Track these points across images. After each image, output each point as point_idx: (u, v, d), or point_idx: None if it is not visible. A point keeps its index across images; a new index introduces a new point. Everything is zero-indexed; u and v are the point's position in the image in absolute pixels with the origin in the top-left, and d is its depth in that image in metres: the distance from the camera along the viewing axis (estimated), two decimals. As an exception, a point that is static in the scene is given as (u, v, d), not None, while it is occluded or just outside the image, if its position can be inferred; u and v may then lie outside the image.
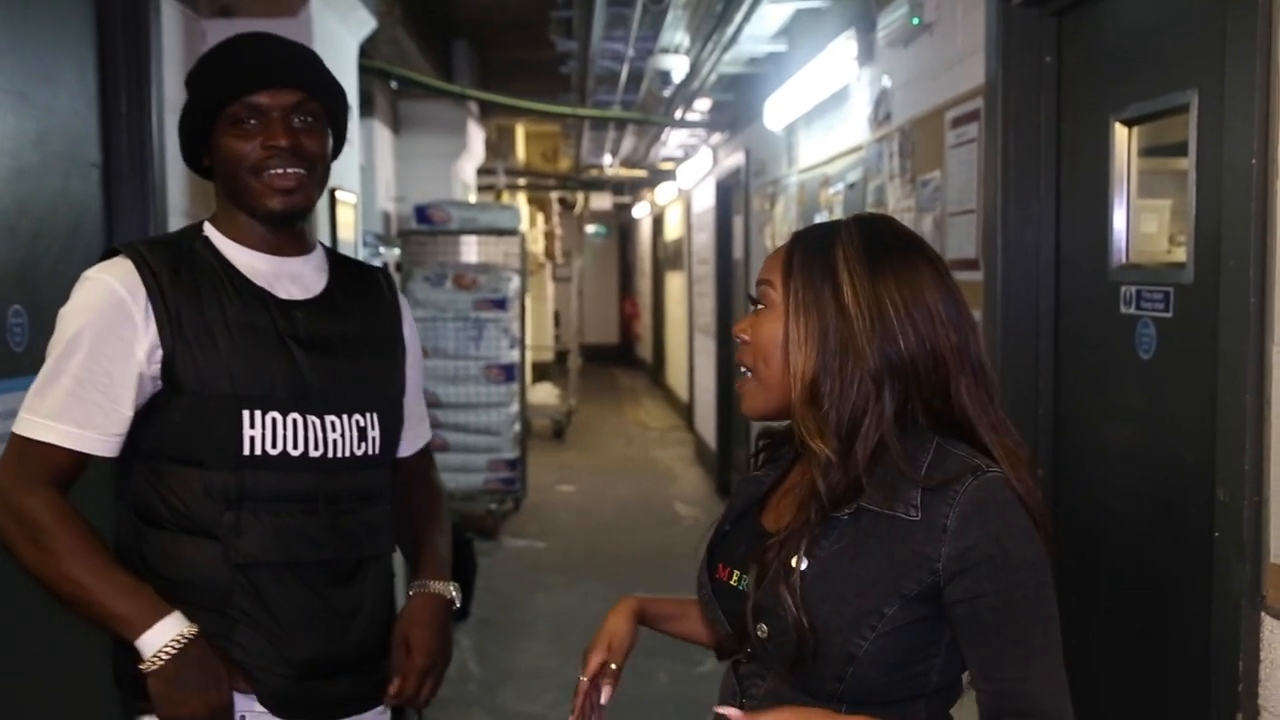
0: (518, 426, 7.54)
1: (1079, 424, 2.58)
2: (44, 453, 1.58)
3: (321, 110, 1.69)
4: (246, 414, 1.60)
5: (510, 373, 7.36)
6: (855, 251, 1.34)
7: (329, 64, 1.76)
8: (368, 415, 1.70)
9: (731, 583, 1.41)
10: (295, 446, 1.63)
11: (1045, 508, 1.33)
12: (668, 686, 4.50)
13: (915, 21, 3.38)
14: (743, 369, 1.42)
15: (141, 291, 1.59)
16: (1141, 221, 2.40)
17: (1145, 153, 2.38)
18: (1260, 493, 1.79)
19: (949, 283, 1.36)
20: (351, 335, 1.72)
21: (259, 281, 1.67)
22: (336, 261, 1.81)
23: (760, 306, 1.41)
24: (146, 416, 1.61)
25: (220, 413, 1.59)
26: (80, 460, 1.60)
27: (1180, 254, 2.20)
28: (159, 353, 1.59)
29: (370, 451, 1.71)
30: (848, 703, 1.29)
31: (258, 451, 1.61)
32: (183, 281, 1.62)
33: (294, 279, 1.71)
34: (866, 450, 1.29)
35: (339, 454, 1.66)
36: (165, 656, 1.53)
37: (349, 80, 3.93)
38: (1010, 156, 2.73)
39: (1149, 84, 2.27)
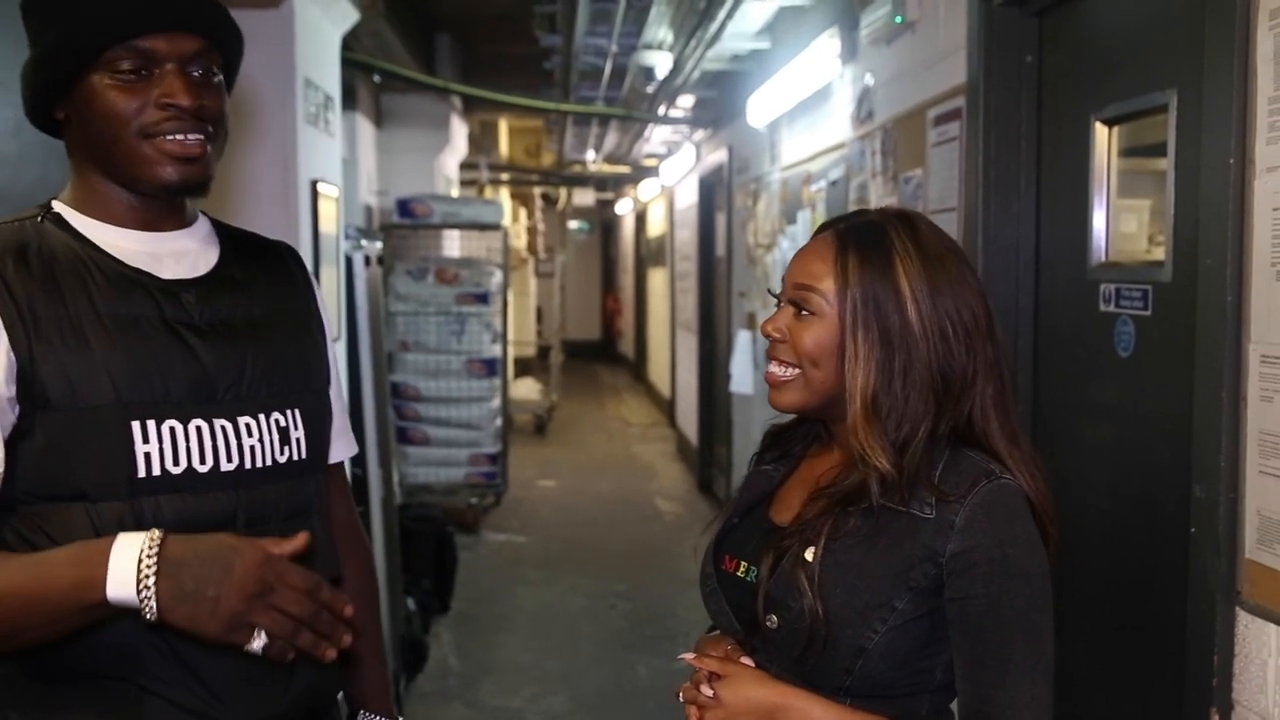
0: (499, 421, 7.54)
1: (1058, 421, 2.60)
2: None
3: (222, 61, 1.37)
4: (137, 426, 1.26)
5: (492, 367, 7.36)
6: (915, 266, 1.30)
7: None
8: (288, 413, 1.38)
9: (739, 574, 1.40)
10: (203, 461, 1.30)
11: (1056, 513, 1.33)
12: (647, 680, 4.51)
13: (898, 20, 3.39)
14: (779, 364, 1.37)
15: None
16: (1121, 220, 2.41)
17: (1125, 152, 2.39)
18: (1236, 489, 1.80)
19: (981, 288, 1.34)
20: (259, 316, 1.40)
21: (134, 263, 1.33)
22: (227, 234, 1.47)
23: (804, 312, 1.34)
24: (9, 451, 1.25)
25: (102, 428, 1.25)
26: None
27: (1159, 253, 2.22)
28: (14, 366, 1.24)
29: (295, 456, 1.38)
30: (854, 696, 1.29)
31: (156, 471, 1.27)
32: (33, 271, 1.27)
33: (177, 257, 1.37)
34: (913, 465, 1.29)
35: (258, 463, 1.34)
36: (148, 590, 1.14)
37: (332, 73, 3.91)
38: (991, 155, 2.74)
39: (1129, 84, 2.29)
